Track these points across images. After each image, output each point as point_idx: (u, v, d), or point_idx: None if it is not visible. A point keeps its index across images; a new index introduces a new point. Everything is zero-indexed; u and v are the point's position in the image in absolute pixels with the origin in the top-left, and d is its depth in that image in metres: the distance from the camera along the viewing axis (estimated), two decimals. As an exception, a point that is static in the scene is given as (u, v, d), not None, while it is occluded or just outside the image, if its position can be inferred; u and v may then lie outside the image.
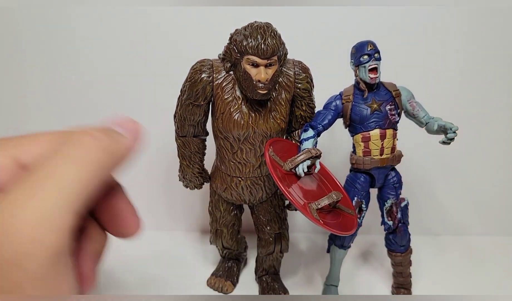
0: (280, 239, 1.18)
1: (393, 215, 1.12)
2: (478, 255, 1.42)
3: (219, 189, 1.13)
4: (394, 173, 1.12)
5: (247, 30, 0.95)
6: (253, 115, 1.01)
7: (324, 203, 0.91)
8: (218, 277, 1.26)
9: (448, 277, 1.30)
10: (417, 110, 1.07)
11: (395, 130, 1.07)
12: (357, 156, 1.08)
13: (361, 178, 1.10)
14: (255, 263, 1.27)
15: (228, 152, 1.06)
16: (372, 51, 1.01)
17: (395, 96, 1.06)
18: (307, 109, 1.08)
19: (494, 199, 1.50)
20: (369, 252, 1.43)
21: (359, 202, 1.10)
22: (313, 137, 1.02)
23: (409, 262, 1.18)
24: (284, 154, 0.98)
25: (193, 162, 1.14)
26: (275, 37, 0.94)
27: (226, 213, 1.17)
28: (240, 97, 1.01)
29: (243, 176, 1.08)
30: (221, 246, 1.24)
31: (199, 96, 1.02)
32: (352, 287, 1.26)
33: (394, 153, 1.07)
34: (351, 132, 1.09)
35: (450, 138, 1.00)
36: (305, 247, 1.47)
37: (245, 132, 1.01)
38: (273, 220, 1.15)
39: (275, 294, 1.20)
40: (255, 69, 0.95)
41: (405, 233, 1.14)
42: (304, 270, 1.34)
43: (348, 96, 1.06)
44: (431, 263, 1.37)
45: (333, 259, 1.18)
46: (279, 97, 1.02)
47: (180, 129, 1.09)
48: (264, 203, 1.14)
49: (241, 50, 0.95)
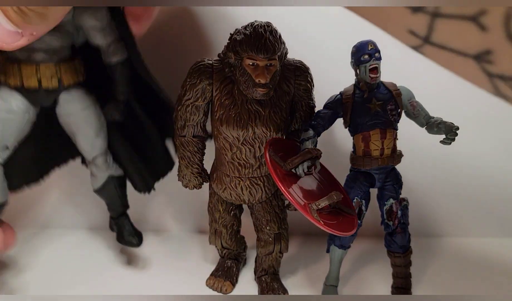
0: (279, 239, 1.18)
1: (393, 215, 1.12)
2: (478, 256, 1.42)
3: (218, 189, 1.13)
4: (394, 173, 1.12)
5: (247, 29, 0.95)
6: (253, 115, 1.00)
7: (324, 204, 0.91)
8: (217, 277, 1.26)
9: (448, 278, 1.30)
10: (418, 110, 1.07)
11: (396, 130, 1.06)
12: (357, 155, 1.08)
13: (361, 178, 1.09)
14: (255, 263, 1.27)
15: (227, 152, 1.05)
16: (372, 50, 1.01)
17: (395, 96, 1.06)
18: (307, 109, 1.07)
19: (495, 200, 1.49)
20: (369, 252, 1.42)
21: (359, 202, 1.09)
22: (313, 137, 1.01)
23: (409, 263, 1.17)
24: (284, 154, 0.98)
25: (192, 162, 1.13)
26: (275, 37, 0.94)
27: (225, 213, 1.17)
28: (240, 97, 1.01)
29: (242, 176, 1.08)
30: (220, 246, 1.23)
31: (198, 96, 1.02)
32: (351, 288, 1.26)
33: (394, 153, 1.07)
34: (351, 132, 1.09)
35: (451, 138, 1.00)
36: (305, 247, 1.47)
37: (244, 133, 1.01)
38: (272, 220, 1.15)
39: (274, 294, 1.20)
40: (255, 69, 0.95)
41: (405, 234, 1.14)
42: (303, 270, 1.34)
43: (348, 96, 1.06)
44: (432, 264, 1.36)
45: (332, 259, 1.18)
46: (279, 97, 1.02)
47: (179, 129, 1.09)
48: (264, 203, 1.14)
49: (241, 49, 0.94)
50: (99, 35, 1.02)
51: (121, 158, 1.20)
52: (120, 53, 1.05)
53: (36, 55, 0.99)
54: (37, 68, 0.99)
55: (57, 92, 1.04)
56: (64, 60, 1.02)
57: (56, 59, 1.01)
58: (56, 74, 1.01)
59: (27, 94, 1.02)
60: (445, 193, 1.49)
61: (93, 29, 1.01)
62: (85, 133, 1.09)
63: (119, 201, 1.21)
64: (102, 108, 1.11)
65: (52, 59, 1.00)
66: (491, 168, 1.46)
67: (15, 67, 0.99)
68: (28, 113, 1.04)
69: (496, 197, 1.49)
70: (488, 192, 1.49)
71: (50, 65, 1.00)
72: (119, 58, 1.05)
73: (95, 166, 1.15)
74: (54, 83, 1.02)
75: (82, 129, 1.09)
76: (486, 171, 1.47)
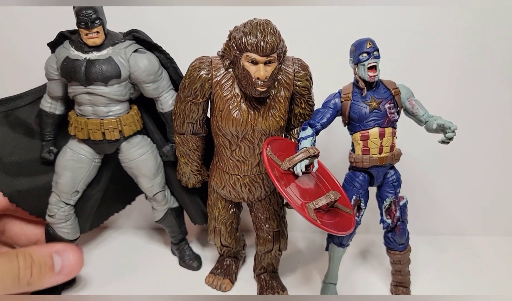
0: (278, 237, 1.18)
1: (392, 213, 1.12)
2: (476, 254, 1.42)
3: (217, 187, 1.13)
4: (393, 171, 1.12)
5: (246, 27, 0.94)
6: (252, 113, 1.00)
7: (321, 203, 0.91)
8: (217, 275, 1.26)
9: (446, 275, 1.30)
10: (417, 109, 1.06)
11: (394, 129, 1.06)
12: (356, 154, 1.07)
13: (360, 176, 1.09)
14: (254, 261, 1.27)
15: (226, 149, 1.05)
16: (371, 49, 1.01)
17: (394, 94, 1.05)
18: (306, 107, 1.07)
19: (493, 198, 1.49)
20: (368, 250, 1.42)
21: (357, 200, 1.09)
22: (311, 136, 1.01)
23: (407, 260, 1.17)
24: (282, 153, 0.97)
25: (191, 159, 1.13)
26: (274, 35, 0.94)
27: (224, 210, 1.17)
28: (239, 95, 1.00)
29: (241, 174, 1.07)
30: (219, 244, 1.23)
31: (197, 93, 1.02)
32: (350, 285, 1.26)
33: (393, 152, 1.07)
34: (350, 131, 1.09)
35: (449, 137, 0.99)
36: (304, 245, 1.47)
37: (243, 130, 1.01)
38: (271, 218, 1.15)
39: (274, 292, 1.20)
40: (254, 66, 0.95)
41: (404, 231, 1.13)
42: (302, 268, 1.34)
43: (347, 94, 1.06)
44: (430, 261, 1.36)
45: (331, 257, 1.18)
46: (278, 95, 1.02)
47: (178, 126, 1.09)
48: (263, 201, 1.14)
49: (240, 47, 0.94)
50: (151, 88, 1.12)
51: (177, 192, 1.29)
52: (171, 100, 1.14)
53: (100, 110, 1.09)
54: (101, 123, 1.10)
55: (118, 142, 1.15)
56: (124, 113, 1.13)
57: (117, 114, 1.11)
58: (118, 127, 1.11)
59: (93, 146, 1.14)
60: (444, 191, 1.49)
61: (146, 83, 1.11)
62: (145, 175, 1.20)
63: (178, 229, 1.33)
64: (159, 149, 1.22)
65: (114, 113, 1.10)
66: (490, 167, 1.46)
67: (82, 122, 1.10)
68: (95, 160, 1.16)
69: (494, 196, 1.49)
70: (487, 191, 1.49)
71: (112, 119, 1.10)
72: (170, 107, 1.14)
73: (156, 202, 1.26)
74: (116, 135, 1.12)
75: (143, 172, 1.20)
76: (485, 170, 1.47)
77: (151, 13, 1.32)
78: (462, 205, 1.50)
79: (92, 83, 1.04)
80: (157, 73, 1.10)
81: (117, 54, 1.06)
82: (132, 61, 1.07)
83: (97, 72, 1.03)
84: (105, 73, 1.04)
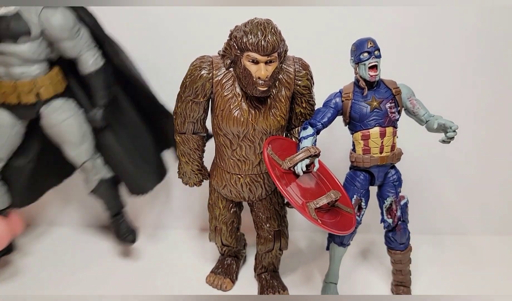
0: (279, 237, 1.18)
1: (393, 213, 1.12)
2: (477, 253, 1.42)
3: (218, 186, 1.13)
4: (394, 171, 1.12)
5: (247, 26, 0.94)
6: (253, 112, 1.00)
7: (322, 202, 0.91)
8: (217, 274, 1.26)
9: (447, 275, 1.30)
10: (417, 108, 1.06)
11: (395, 128, 1.06)
12: (356, 153, 1.08)
13: (360, 176, 1.09)
14: (254, 261, 1.27)
15: (227, 149, 1.05)
16: (372, 48, 1.01)
17: (395, 94, 1.05)
18: (307, 106, 1.07)
19: (494, 198, 1.49)
20: (369, 250, 1.42)
21: (358, 200, 1.09)
22: (312, 135, 1.01)
23: (408, 260, 1.17)
24: (283, 152, 0.97)
25: (192, 159, 1.13)
26: (275, 34, 0.94)
27: (225, 210, 1.17)
28: (240, 94, 1.00)
29: (242, 173, 1.07)
30: (220, 243, 1.23)
31: (198, 93, 1.02)
32: (351, 285, 1.26)
33: (394, 151, 1.07)
34: (351, 130, 1.09)
35: (450, 137, 0.99)
36: (305, 245, 1.47)
37: (244, 129, 1.01)
38: (272, 218, 1.15)
39: (274, 291, 1.20)
40: (255, 66, 0.95)
41: (405, 231, 1.13)
42: (303, 267, 1.34)
43: (348, 94, 1.06)
44: (431, 261, 1.36)
45: (332, 256, 1.18)
46: (279, 94, 1.02)
47: (179, 126, 1.09)
48: (264, 200, 1.14)
49: (241, 46, 0.94)
50: (68, 47, 1.03)
51: (113, 161, 1.23)
52: (92, 59, 1.06)
53: (13, 71, 1.01)
54: (15, 84, 1.02)
55: (37, 106, 1.07)
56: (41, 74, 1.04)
57: (32, 75, 1.03)
58: (33, 89, 1.03)
59: (10, 110, 1.06)
60: (445, 191, 1.49)
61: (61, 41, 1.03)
62: (69, 142, 1.13)
63: (113, 201, 1.26)
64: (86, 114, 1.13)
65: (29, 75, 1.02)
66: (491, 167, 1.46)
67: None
68: (16, 126, 1.08)
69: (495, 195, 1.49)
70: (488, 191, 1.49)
71: (26, 81, 1.02)
72: (92, 69, 1.06)
73: (85, 171, 1.19)
74: (31, 98, 1.04)
75: (66, 139, 1.12)
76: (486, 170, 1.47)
77: (152, 13, 1.32)
78: (463, 204, 1.50)
79: (0, 41, 0.97)
80: (73, 30, 1.02)
81: (27, 10, 0.98)
82: (43, 16, 0.99)
83: (4, 29, 0.96)
84: (12, 30, 0.96)
